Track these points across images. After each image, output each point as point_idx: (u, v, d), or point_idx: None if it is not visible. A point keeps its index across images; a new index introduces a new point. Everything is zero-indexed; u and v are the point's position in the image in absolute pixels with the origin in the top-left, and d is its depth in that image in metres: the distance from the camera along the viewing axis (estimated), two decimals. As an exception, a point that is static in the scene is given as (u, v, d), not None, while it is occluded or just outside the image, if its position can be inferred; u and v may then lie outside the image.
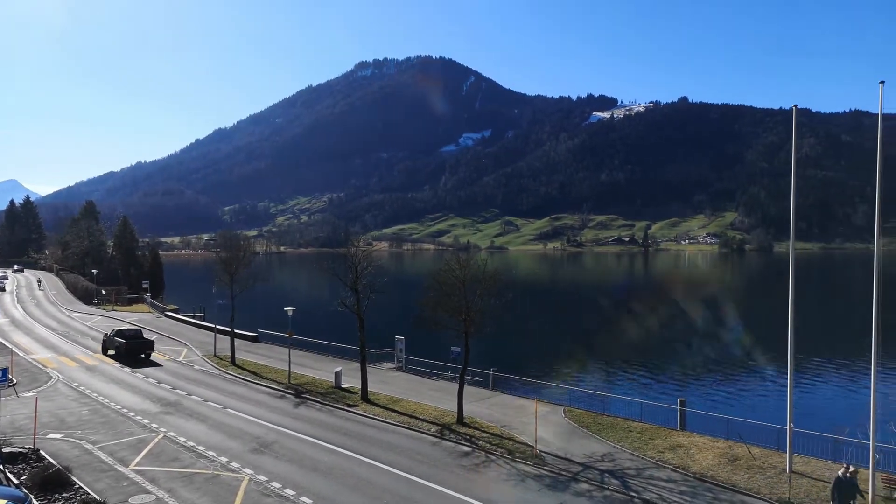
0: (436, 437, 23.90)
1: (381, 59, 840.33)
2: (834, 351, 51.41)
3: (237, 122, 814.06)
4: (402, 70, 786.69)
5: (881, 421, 20.98)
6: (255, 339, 48.37)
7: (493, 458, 21.63)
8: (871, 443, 17.50)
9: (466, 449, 22.48)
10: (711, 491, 18.65)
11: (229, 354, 39.36)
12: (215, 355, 40.91)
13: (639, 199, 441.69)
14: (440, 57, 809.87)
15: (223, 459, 20.91)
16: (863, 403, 21.78)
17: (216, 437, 23.49)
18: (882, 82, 19.80)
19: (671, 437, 23.62)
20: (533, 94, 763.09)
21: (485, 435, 23.98)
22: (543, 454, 21.79)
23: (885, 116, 20.64)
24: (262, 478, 19.22)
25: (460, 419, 25.61)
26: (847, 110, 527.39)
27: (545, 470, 20.38)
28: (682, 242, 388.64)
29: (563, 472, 20.10)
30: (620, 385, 41.19)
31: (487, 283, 25.51)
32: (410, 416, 26.49)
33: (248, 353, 42.04)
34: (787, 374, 20.30)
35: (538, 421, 23.97)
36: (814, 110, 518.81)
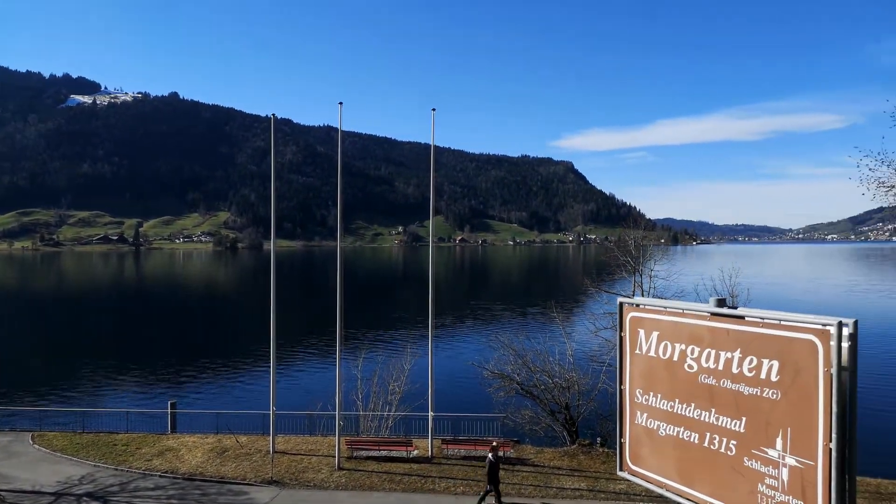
0: None
1: None
2: (311, 337, 58.24)
3: None
4: None
5: (346, 393, 24.75)
6: None
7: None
8: (336, 412, 20.46)
9: None
10: (200, 488, 18.75)
11: None
12: None
13: (128, 195, 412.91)
14: None
15: None
16: (331, 380, 25.18)
17: None
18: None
19: (160, 443, 22.81)
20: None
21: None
22: (3, 493, 18.20)
23: (346, 133, 24.37)
24: None
25: None
26: (321, 124, 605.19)
27: (4, 513, 17.06)
28: (177, 241, 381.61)
29: (29, 510, 17.19)
30: (106, 397, 37.71)
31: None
32: None
33: None
34: (270, 362, 21.96)
35: (-5, 456, 19.89)
36: (295, 121, 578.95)
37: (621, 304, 7.38)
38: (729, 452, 6.05)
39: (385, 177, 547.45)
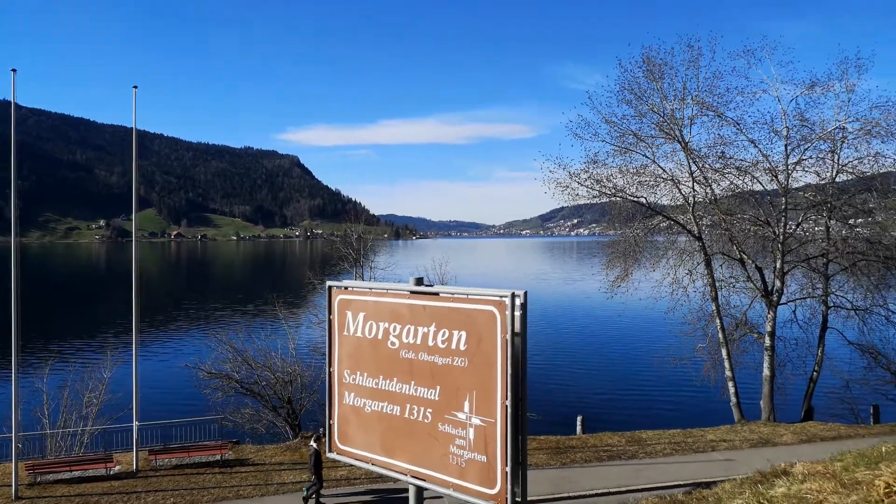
0: None
1: None
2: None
3: None
4: None
5: (26, 412, 21.09)
6: None
7: None
8: (13, 434, 17.32)
9: None
10: None
11: None
12: None
13: None
14: None
15: None
16: (6, 398, 21.27)
17: None
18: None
19: None
20: None
21: None
22: None
23: (30, 111, 20.65)
24: None
25: None
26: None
27: None
28: None
29: None
30: None
31: None
32: None
33: None
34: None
35: None
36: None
37: (330, 288, 7.45)
38: (426, 420, 6.50)
39: (82, 163, 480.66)
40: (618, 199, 28.78)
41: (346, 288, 7.39)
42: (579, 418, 24.70)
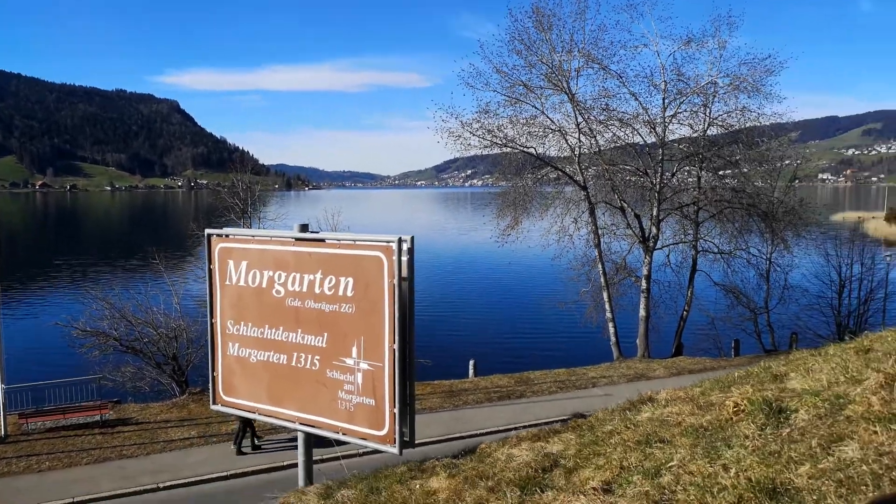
0: None
1: None
2: None
3: None
4: None
5: None
6: None
7: None
8: None
9: None
10: None
11: None
12: None
13: None
14: None
15: None
16: None
17: None
18: None
19: None
20: None
21: None
22: None
23: None
24: None
25: None
26: None
27: None
28: None
29: None
30: None
31: None
32: None
33: None
34: None
35: None
36: None
37: (209, 236, 7.12)
38: (313, 367, 6.45)
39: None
40: (508, 149, 29.31)
41: (226, 236, 7.09)
42: (471, 362, 25.52)
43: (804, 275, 33.78)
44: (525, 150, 29.31)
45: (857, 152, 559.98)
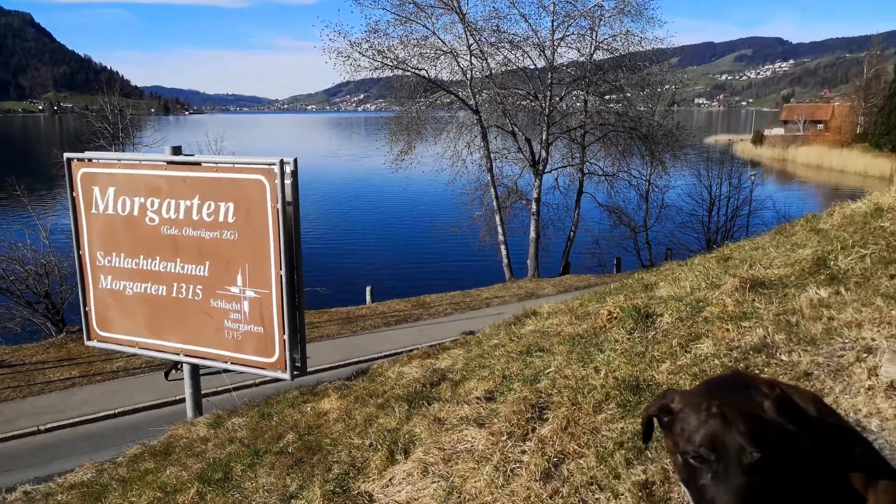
0: None
1: None
2: None
3: None
4: None
5: None
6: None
7: None
8: None
9: None
10: None
11: None
12: None
13: None
14: None
15: None
16: None
17: None
18: None
19: None
20: None
21: None
22: None
23: None
24: None
25: None
26: None
27: None
28: None
29: None
30: None
31: None
32: None
33: None
34: None
35: None
36: None
37: (69, 160, 6.51)
38: (196, 297, 6.20)
39: None
40: (400, 71, 28.62)
41: (89, 160, 6.52)
42: (368, 289, 25.61)
43: (679, 194, 36.03)
44: (417, 72, 28.74)
45: (729, 77, 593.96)
